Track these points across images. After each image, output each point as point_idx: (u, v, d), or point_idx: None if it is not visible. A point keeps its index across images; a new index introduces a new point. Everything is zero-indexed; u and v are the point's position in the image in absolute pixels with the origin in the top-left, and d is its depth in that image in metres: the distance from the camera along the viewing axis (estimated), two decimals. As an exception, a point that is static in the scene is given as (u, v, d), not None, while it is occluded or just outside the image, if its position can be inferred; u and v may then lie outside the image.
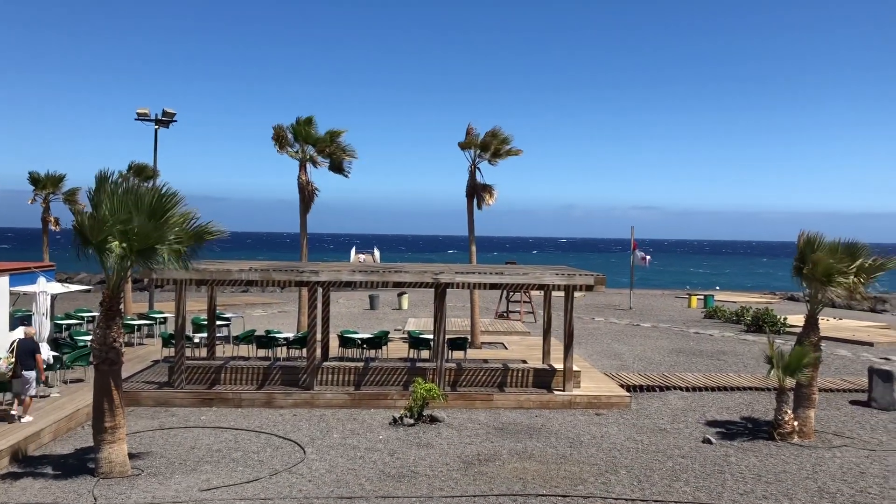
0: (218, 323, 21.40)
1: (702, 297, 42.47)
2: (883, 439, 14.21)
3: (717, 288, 70.62)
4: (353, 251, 57.29)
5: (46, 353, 15.73)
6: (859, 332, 29.63)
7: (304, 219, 24.02)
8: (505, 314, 33.29)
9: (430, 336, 19.04)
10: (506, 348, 23.11)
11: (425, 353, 19.49)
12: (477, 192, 23.49)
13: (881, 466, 12.38)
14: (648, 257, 41.31)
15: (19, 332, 14.35)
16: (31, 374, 13.39)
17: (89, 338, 18.79)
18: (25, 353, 13.41)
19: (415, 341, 19.69)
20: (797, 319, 28.02)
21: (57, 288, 19.95)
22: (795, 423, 13.98)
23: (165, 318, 24.82)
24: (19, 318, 20.36)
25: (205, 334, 20.00)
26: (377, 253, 58.32)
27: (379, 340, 19.60)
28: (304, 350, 17.85)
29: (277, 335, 19.88)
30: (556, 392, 16.63)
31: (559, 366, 17.12)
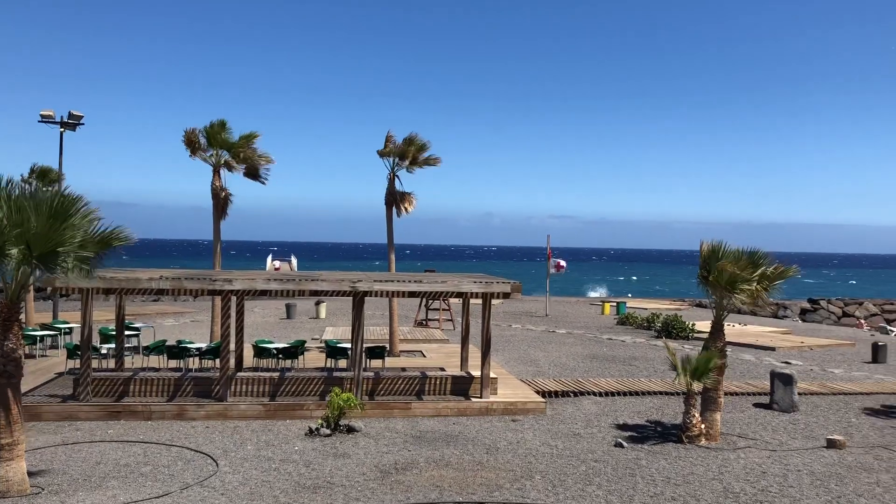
0: (127, 333, 20.66)
1: (615, 303, 43.62)
2: (783, 440, 14.87)
3: (630, 295, 72.69)
4: (269, 259, 56.36)
5: None
6: (762, 338, 30.98)
7: (218, 226, 23.49)
8: (424, 322, 33.34)
9: (348, 345, 18.90)
10: (424, 356, 23.14)
11: (343, 363, 19.32)
12: (396, 199, 23.51)
13: (781, 466, 12.95)
14: (564, 264, 42.14)
15: None
16: None
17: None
18: None
19: (332, 350, 19.49)
20: (704, 325, 29.06)
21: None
22: (702, 426, 14.47)
23: (71, 329, 23.81)
24: None
25: (113, 345, 19.28)
26: (294, 261, 57.59)
27: (295, 350, 19.31)
28: (218, 360, 17.43)
29: (189, 345, 19.34)
30: (474, 399, 16.74)
31: (477, 373, 17.25)
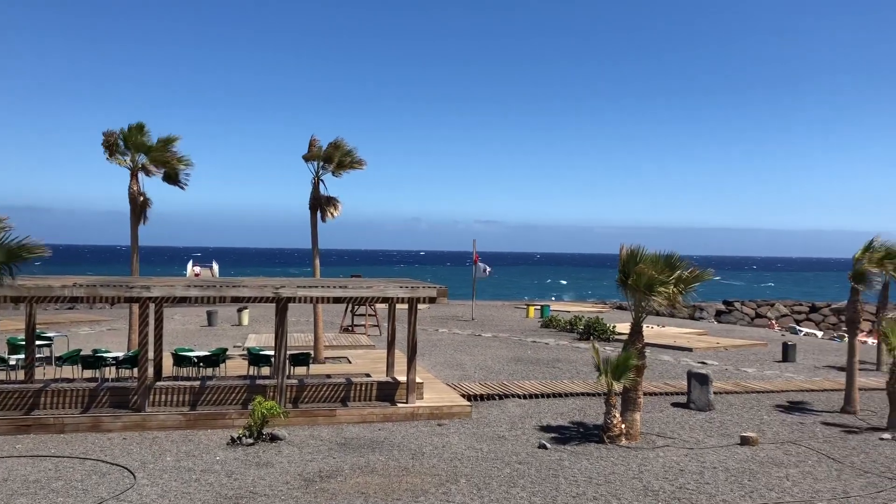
0: (38, 343, 19.81)
1: (539, 307, 44.23)
2: (700, 438, 15.35)
3: (553, 298, 73.89)
4: (189, 265, 55.09)
5: None
6: (680, 339, 31.90)
7: (136, 231, 22.81)
8: (350, 328, 33.11)
9: (272, 352, 18.60)
10: (350, 362, 22.96)
11: (266, 370, 19.01)
12: (321, 204, 23.31)
13: (698, 463, 13.36)
14: (489, 269, 42.55)
15: None
16: None
17: None
18: None
19: (255, 358, 19.15)
20: (625, 327, 29.74)
21: None
22: (623, 426, 14.81)
23: (-24, 340, 22.70)
24: None
25: (22, 356, 18.46)
26: (216, 267, 56.48)
27: (216, 358, 18.90)
28: (136, 370, 16.92)
29: (105, 354, 18.69)
30: (400, 404, 16.71)
31: (403, 378, 17.23)
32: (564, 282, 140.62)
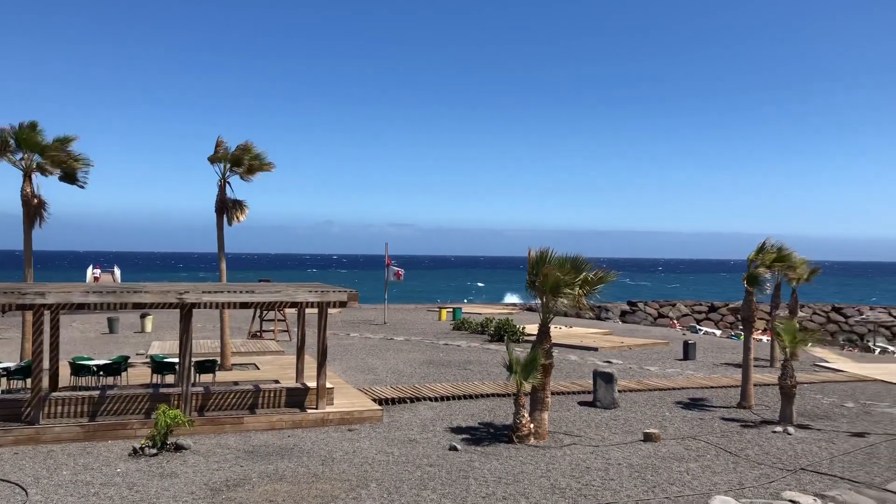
0: (-80, 354, 18.63)
1: (451, 309, 44.55)
2: (605, 435, 15.76)
3: (465, 301, 74.52)
4: (90, 269, 53.04)
5: None
6: (586, 339, 32.71)
7: (30, 235, 21.69)
8: (258, 334, 32.49)
9: (176, 359, 18.08)
10: (258, 369, 22.55)
11: (170, 378, 18.46)
12: (227, 207, 22.80)
13: (603, 461, 13.72)
14: (401, 272, 42.57)
15: None
16: None
17: None
18: None
19: (158, 366, 18.56)
20: (534, 328, 30.30)
21: None
22: (531, 426, 15.07)
23: None
24: None
25: None
26: (118, 272, 54.58)
27: (117, 366, 18.22)
28: (29, 381, 16.11)
29: (-5, 365, 17.75)
30: (310, 410, 16.50)
31: (313, 384, 17.03)
32: (482, 284, 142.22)
